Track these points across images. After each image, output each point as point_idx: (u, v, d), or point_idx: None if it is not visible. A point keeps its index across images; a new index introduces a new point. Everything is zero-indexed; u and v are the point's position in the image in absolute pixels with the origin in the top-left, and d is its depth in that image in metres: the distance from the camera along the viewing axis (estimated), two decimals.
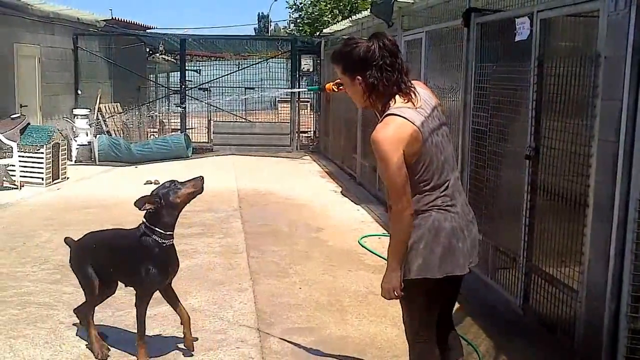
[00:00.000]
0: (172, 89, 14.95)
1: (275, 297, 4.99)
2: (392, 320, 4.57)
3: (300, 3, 18.94)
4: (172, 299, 3.91)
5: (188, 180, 3.77)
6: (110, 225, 7.09)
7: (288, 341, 4.15)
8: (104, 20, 14.13)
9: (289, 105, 16.15)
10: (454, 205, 2.75)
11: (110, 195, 9.00)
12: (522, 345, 4.20)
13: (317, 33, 14.81)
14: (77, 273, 4.00)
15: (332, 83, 3.32)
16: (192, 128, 15.14)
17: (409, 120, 2.64)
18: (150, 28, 16.86)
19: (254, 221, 7.57)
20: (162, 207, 3.68)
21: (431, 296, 2.80)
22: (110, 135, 13.62)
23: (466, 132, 5.77)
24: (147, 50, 15.98)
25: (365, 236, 6.87)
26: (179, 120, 15.59)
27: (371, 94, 2.77)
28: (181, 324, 3.93)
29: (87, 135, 12.76)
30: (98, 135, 12.84)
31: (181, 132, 14.11)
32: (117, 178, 10.84)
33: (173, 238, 3.76)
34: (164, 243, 3.69)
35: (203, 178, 3.78)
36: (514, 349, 4.16)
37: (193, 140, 14.10)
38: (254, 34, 45.75)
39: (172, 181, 3.78)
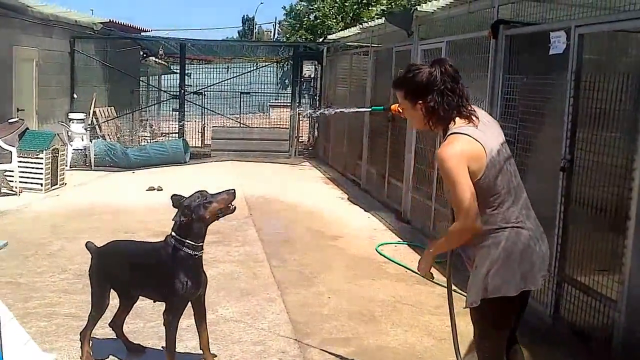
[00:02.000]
0: (170, 93, 14.90)
1: (306, 307, 5.04)
2: (425, 330, 4.66)
3: (299, 9, 19.05)
4: (201, 315, 3.82)
5: (219, 193, 3.66)
6: (122, 234, 7.14)
7: (329, 352, 4.21)
8: (101, 23, 14.09)
9: (283, 110, 16.28)
10: (526, 223, 2.83)
11: (114, 202, 8.98)
12: (555, 354, 4.30)
13: (321, 39, 14.84)
14: (93, 285, 3.90)
15: (398, 105, 3.39)
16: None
17: (472, 137, 2.75)
18: (145, 31, 16.82)
19: (268, 229, 7.61)
20: (192, 220, 3.61)
21: (505, 314, 2.89)
22: (105, 139, 13.56)
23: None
24: (142, 53, 15.94)
25: (382, 244, 6.94)
26: (170, 124, 15.63)
27: (431, 118, 2.88)
28: (200, 348, 3.85)
29: (82, 139, 12.70)
30: (94, 140, 12.79)
31: (179, 137, 14.08)
32: (116, 184, 10.80)
33: (203, 249, 3.72)
34: (196, 254, 3.65)
35: (235, 192, 3.69)
36: (547, 357, 4.25)
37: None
38: (237, 37, 45.73)
39: (203, 193, 3.68)
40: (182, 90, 14.14)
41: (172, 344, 3.64)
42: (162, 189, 9.89)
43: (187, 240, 3.62)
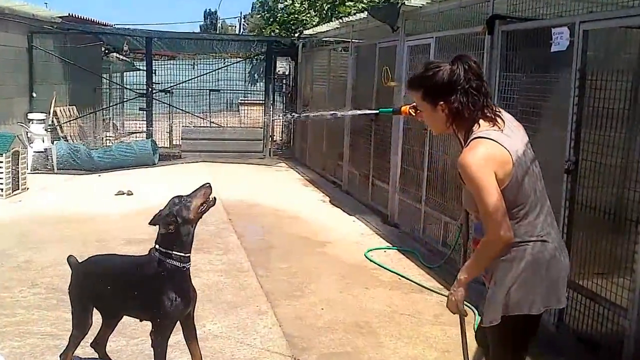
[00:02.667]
0: (136, 91, 14.65)
1: (299, 319, 4.97)
2: (426, 342, 4.62)
3: (272, 3, 18.87)
4: (190, 332, 3.69)
5: (194, 191, 3.56)
6: (94, 242, 6.99)
7: None
8: (60, 17, 13.76)
9: (254, 108, 16.13)
10: (550, 233, 2.75)
11: (82, 208, 8.77)
12: None
13: (297, 34, 14.74)
14: (74, 304, 3.77)
15: (409, 106, 3.29)
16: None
17: (497, 142, 2.64)
18: (106, 25, 16.51)
19: (250, 235, 7.51)
20: (179, 226, 3.48)
21: (527, 332, 2.83)
22: (67, 140, 13.28)
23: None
24: (104, 49, 15.65)
25: (371, 250, 6.90)
26: (135, 124, 15.40)
27: (454, 120, 2.76)
28: None
29: (43, 141, 12.41)
30: (56, 142, 12.51)
31: (147, 138, 13.86)
32: (83, 188, 10.56)
33: (190, 261, 3.57)
34: (184, 267, 3.52)
35: (210, 185, 3.59)
36: None
37: None
38: (199, 32, 45.27)
39: (179, 196, 3.58)
40: (150, 89, 13.88)
41: None
42: (132, 194, 9.70)
43: (173, 252, 3.48)
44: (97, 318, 3.87)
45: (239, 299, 5.35)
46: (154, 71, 14.47)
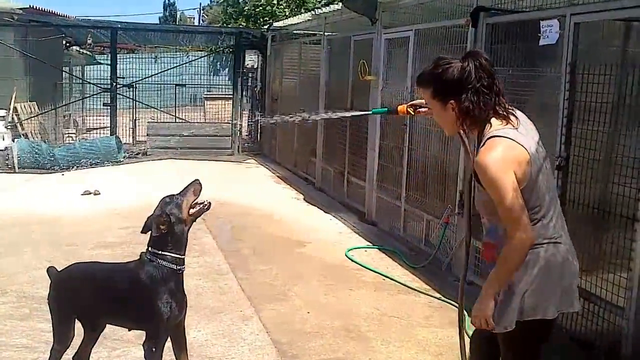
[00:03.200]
0: (99, 86, 14.24)
1: (285, 324, 4.80)
2: (419, 345, 4.51)
3: None
4: (180, 341, 3.48)
5: (185, 189, 3.39)
6: (64, 247, 6.71)
7: None
8: (21, 9, 13.29)
9: (219, 103, 15.82)
10: (562, 236, 2.68)
11: (47, 209, 8.45)
12: None
13: (266, 27, 14.49)
14: (55, 316, 3.52)
15: (406, 105, 3.19)
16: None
17: (515, 140, 2.56)
18: (67, 17, 16.02)
19: (226, 236, 7.31)
20: (172, 225, 3.29)
21: (541, 338, 2.74)
22: (28, 138, 12.86)
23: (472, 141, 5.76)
24: (65, 42, 15.17)
25: (351, 249, 6.77)
26: (97, 120, 15.00)
27: (465, 120, 2.66)
28: None
29: (3, 139, 12.00)
30: (16, 139, 12.10)
31: (111, 134, 13.50)
32: (46, 188, 10.21)
33: (185, 263, 3.40)
34: (179, 269, 3.34)
35: (199, 181, 3.43)
36: None
37: None
38: (158, 23, 44.58)
39: (170, 195, 3.40)
40: (114, 83, 13.52)
41: None
42: (99, 193, 9.41)
43: (168, 254, 3.29)
44: (78, 327, 3.64)
45: (220, 304, 5.16)
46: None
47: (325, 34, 9.77)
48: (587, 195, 4.37)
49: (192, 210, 3.36)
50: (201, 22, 42.66)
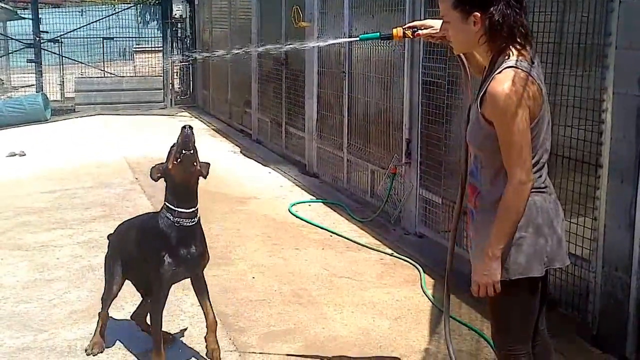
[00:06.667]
0: (22, 41, 13.04)
1: (230, 292, 4.25)
2: (374, 308, 4.05)
3: None
4: (201, 293, 3.36)
5: (177, 139, 3.17)
6: None
7: (273, 353, 3.48)
8: None
9: (150, 56, 14.85)
10: (549, 185, 2.32)
11: None
12: None
13: None
14: (105, 266, 3.54)
15: (402, 27, 2.72)
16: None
17: (531, 75, 2.17)
18: None
19: (161, 195, 6.62)
20: (166, 177, 3.19)
21: (533, 298, 2.34)
22: None
23: (414, 85, 5.26)
24: None
25: (295, 204, 6.23)
26: (22, 77, 13.84)
27: (490, 38, 2.19)
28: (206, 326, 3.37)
29: None
30: None
31: (37, 92, 12.40)
32: None
33: (195, 217, 3.19)
34: (179, 222, 3.11)
35: (187, 126, 3.20)
36: None
37: None
38: None
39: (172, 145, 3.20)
40: (38, 38, 12.38)
41: (158, 334, 3.23)
42: (25, 154, 8.52)
43: (170, 206, 3.16)
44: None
45: None
46: (40, 20, 12.97)
47: None
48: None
49: (178, 161, 3.13)
50: None
